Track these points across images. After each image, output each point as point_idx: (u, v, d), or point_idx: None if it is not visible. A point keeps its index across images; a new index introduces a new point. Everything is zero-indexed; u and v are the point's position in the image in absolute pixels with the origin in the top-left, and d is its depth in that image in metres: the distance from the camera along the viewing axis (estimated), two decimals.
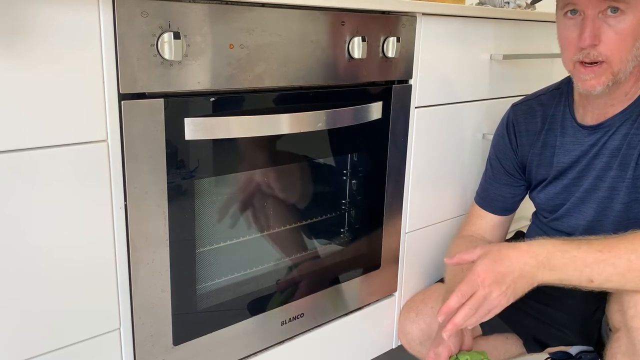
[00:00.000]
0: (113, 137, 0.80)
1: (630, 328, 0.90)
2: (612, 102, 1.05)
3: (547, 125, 1.17)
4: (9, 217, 0.74)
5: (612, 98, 1.05)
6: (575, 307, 1.17)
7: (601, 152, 1.08)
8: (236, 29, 0.88)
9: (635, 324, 0.89)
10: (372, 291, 1.27)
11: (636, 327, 0.89)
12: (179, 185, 0.88)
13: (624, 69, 0.98)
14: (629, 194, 1.05)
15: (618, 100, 1.05)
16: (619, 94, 1.04)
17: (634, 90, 1.04)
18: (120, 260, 0.85)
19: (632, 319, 0.90)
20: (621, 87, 1.02)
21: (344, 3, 1.00)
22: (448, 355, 1.04)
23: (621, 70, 0.98)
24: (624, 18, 0.95)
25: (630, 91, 1.04)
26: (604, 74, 0.98)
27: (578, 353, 1.12)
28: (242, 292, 1.05)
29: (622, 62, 0.97)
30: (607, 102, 1.06)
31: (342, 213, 1.24)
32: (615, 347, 0.95)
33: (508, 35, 1.39)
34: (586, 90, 1.02)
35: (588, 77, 0.99)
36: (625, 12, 0.95)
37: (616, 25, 0.95)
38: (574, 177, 1.12)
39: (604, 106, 1.07)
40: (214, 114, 0.89)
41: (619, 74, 0.98)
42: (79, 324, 0.83)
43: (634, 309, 0.90)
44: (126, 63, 0.78)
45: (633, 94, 1.04)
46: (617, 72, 0.98)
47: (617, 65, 0.98)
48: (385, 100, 1.14)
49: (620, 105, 1.05)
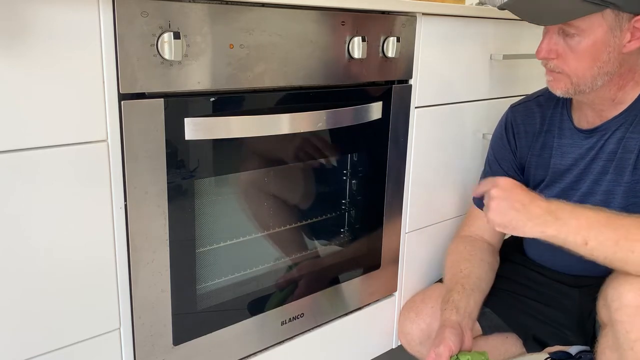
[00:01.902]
0: (113, 137, 0.80)
1: (614, 321, 0.91)
2: (601, 107, 1.07)
3: (546, 127, 1.17)
4: (9, 217, 0.74)
5: (597, 104, 1.06)
6: (573, 307, 1.17)
7: (598, 156, 1.08)
8: (236, 29, 0.88)
9: (618, 317, 0.90)
10: (372, 291, 1.27)
11: (619, 320, 0.89)
12: (179, 185, 0.88)
13: (584, 83, 1.00)
14: (625, 198, 1.05)
15: (606, 106, 1.06)
16: (602, 100, 1.05)
17: (621, 95, 1.04)
18: (120, 260, 0.85)
19: (615, 312, 0.90)
20: (603, 95, 1.04)
21: (344, 3, 1.00)
22: (449, 355, 1.04)
23: (581, 84, 1.01)
24: (580, 40, 0.97)
25: (617, 97, 1.04)
26: (562, 81, 1.02)
27: (578, 353, 1.12)
28: (242, 292, 1.05)
29: (579, 77, 1.00)
30: (594, 108, 1.07)
31: (342, 213, 1.24)
32: (603, 343, 0.96)
33: (508, 35, 1.39)
34: (551, 90, 1.06)
35: (549, 78, 1.05)
36: (578, 35, 0.97)
37: (572, 44, 0.98)
38: (572, 180, 1.12)
39: (595, 111, 1.08)
40: (214, 114, 0.89)
41: (580, 86, 1.01)
42: (79, 324, 0.83)
43: (617, 301, 0.90)
44: (126, 63, 0.78)
45: (621, 100, 1.05)
46: (577, 84, 1.01)
47: (574, 78, 1.01)
48: (385, 100, 1.14)
49: (612, 110, 1.06)
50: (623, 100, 1.04)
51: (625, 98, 1.04)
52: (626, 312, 0.88)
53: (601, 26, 0.95)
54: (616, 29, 0.95)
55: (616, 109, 1.05)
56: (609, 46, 0.97)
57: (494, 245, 1.30)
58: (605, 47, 0.97)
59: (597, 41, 0.96)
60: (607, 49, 0.97)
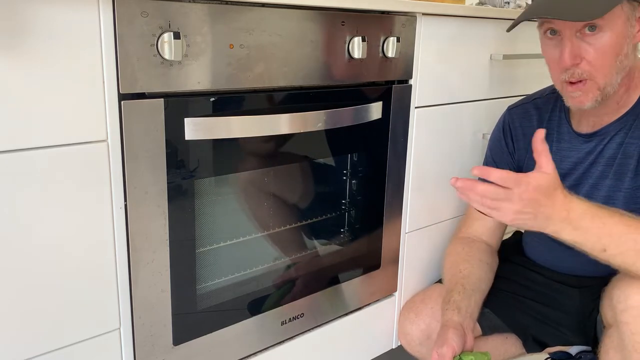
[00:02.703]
0: (113, 137, 0.80)
1: (619, 323, 0.91)
2: (606, 112, 1.06)
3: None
4: (8, 217, 0.74)
5: (604, 108, 1.05)
6: (573, 307, 1.17)
7: (597, 161, 1.08)
8: (236, 29, 0.88)
9: (623, 318, 0.90)
10: (372, 291, 1.27)
11: (625, 322, 0.89)
12: (179, 185, 0.88)
13: (610, 83, 0.99)
14: (626, 204, 1.05)
15: (611, 109, 1.06)
16: (610, 103, 1.04)
17: (625, 98, 1.04)
18: (120, 260, 0.85)
19: (621, 314, 0.90)
20: (612, 98, 1.03)
21: (344, 3, 1.00)
22: (452, 355, 1.04)
23: (607, 84, 0.99)
24: (602, 35, 0.95)
25: (622, 100, 1.04)
26: (590, 91, 0.99)
27: (578, 353, 1.12)
28: (242, 292, 1.05)
29: (606, 76, 0.98)
30: (599, 112, 1.07)
31: (342, 213, 1.24)
32: (607, 343, 0.96)
33: (508, 35, 1.39)
34: (575, 107, 1.03)
35: (576, 95, 1.01)
36: (602, 29, 0.95)
37: (595, 42, 0.96)
38: (570, 185, 1.12)
39: (597, 115, 1.07)
40: (214, 114, 0.89)
41: (606, 87, 0.99)
42: (79, 324, 0.83)
43: (623, 303, 0.90)
44: (126, 63, 0.78)
45: (625, 102, 1.04)
46: (604, 87, 0.99)
47: (602, 80, 0.98)
48: (385, 100, 1.14)
49: (613, 114, 1.06)
50: (626, 103, 1.04)
51: (627, 101, 1.04)
52: (632, 314, 0.89)
53: (620, 17, 0.95)
54: (632, 19, 0.95)
55: (617, 113, 1.05)
56: (627, 37, 0.96)
57: (492, 245, 1.29)
58: (625, 38, 0.96)
59: (619, 33, 0.95)
60: (626, 41, 0.96)
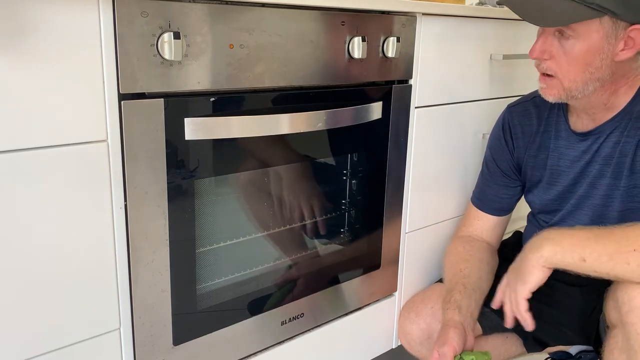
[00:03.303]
0: (113, 137, 0.80)
1: (625, 324, 0.91)
2: (594, 112, 1.07)
3: (543, 127, 1.17)
4: (8, 217, 0.74)
5: (590, 108, 1.07)
6: (574, 306, 1.17)
7: (594, 159, 1.09)
8: (236, 29, 0.88)
9: (629, 319, 0.90)
10: (372, 291, 1.27)
11: (630, 323, 0.90)
12: (179, 185, 0.88)
13: (576, 88, 1.01)
14: (623, 203, 1.06)
15: (598, 111, 1.07)
16: (595, 105, 1.05)
17: (613, 100, 1.05)
18: (120, 260, 0.85)
19: (626, 315, 0.91)
20: (596, 100, 1.04)
21: (344, 3, 1.00)
22: (453, 354, 1.04)
23: (573, 89, 1.01)
24: (574, 43, 0.98)
25: (609, 102, 1.05)
26: (555, 87, 1.03)
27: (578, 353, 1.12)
28: (242, 292, 1.05)
29: (571, 82, 1.00)
30: (587, 112, 1.08)
31: (342, 213, 1.24)
32: (612, 344, 0.96)
33: (508, 35, 1.39)
34: (543, 97, 1.06)
35: (542, 86, 1.05)
36: (574, 38, 0.97)
37: (566, 47, 0.99)
38: (568, 183, 1.12)
39: (590, 114, 1.08)
40: (214, 114, 0.89)
41: (572, 91, 1.02)
42: (79, 324, 0.83)
43: (627, 304, 0.91)
44: (126, 63, 0.78)
45: (613, 104, 1.05)
46: (569, 89, 1.02)
47: (566, 83, 1.01)
48: (385, 100, 1.14)
49: (605, 114, 1.06)
50: (615, 104, 1.05)
51: (618, 102, 1.05)
52: (637, 315, 0.89)
53: (598, 32, 0.96)
54: (611, 37, 0.96)
55: (609, 113, 1.06)
56: (602, 53, 0.97)
57: (492, 244, 1.30)
58: (598, 53, 0.97)
59: (592, 47, 0.97)
60: (600, 56, 0.98)
